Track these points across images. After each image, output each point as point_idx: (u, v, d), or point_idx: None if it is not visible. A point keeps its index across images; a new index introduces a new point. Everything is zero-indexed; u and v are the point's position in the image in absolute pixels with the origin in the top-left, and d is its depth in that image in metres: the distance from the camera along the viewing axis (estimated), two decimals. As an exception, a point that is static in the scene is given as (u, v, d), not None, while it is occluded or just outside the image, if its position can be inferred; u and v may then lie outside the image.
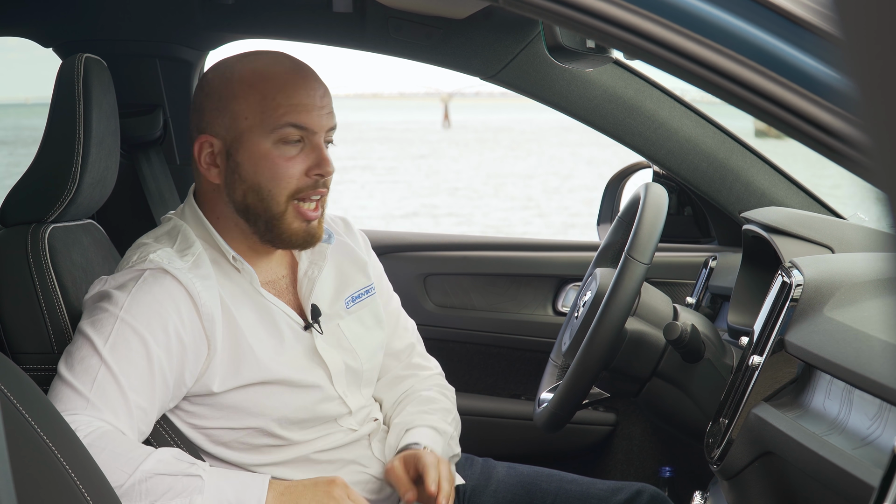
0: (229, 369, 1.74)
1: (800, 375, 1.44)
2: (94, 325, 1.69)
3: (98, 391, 1.64)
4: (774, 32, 1.15)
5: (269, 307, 1.80)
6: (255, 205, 1.76)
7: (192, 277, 1.72)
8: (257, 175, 1.75)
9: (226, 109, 1.76)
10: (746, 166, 2.44)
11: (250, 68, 1.77)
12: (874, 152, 0.46)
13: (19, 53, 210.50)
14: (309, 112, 1.74)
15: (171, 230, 1.83)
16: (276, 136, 1.73)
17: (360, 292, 1.94)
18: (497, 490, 2.04)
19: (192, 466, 1.61)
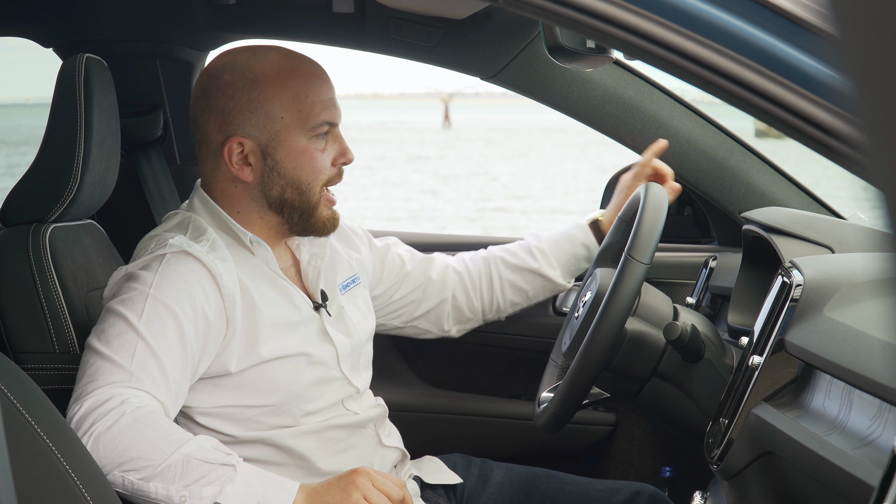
0: (247, 348, 1.78)
1: (800, 375, 1.44)
2: (125, 303, 1.72)
3: (138, 364, 1.67)
4: (774, 32, 1.15)
5: (285, 286, 1.87)
6: (292, 198, 1.84)
7: (213, 258, 1.77)
8: (297, 170, 1.83)
9: (258, 110, 1.80)
10: (746, 166, 2.44)
11: (272, 68, 1.82)
12: (872, 152, 0.46)
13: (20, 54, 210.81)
14: (334, 107, 1.85)
15: (181, 222, 1.86)
16: (312, 132, 1.82)
17: (347, 281, 2.03)
18: (495, 492, 2.05)
19: (228, 457, 1.64)
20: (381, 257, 2.18)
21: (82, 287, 1.96)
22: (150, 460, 1.58)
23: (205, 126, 1.84)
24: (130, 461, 1.58)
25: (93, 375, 1.66)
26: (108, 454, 1.58)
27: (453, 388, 2.71)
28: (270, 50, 1.86)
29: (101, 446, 1.59)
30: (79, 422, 1.61)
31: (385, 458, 1.96)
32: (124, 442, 1.59)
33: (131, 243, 2.52)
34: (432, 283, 2.22)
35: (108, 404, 1.61)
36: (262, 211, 1.86)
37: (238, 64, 1.82)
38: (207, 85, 1.83)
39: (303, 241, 1.94)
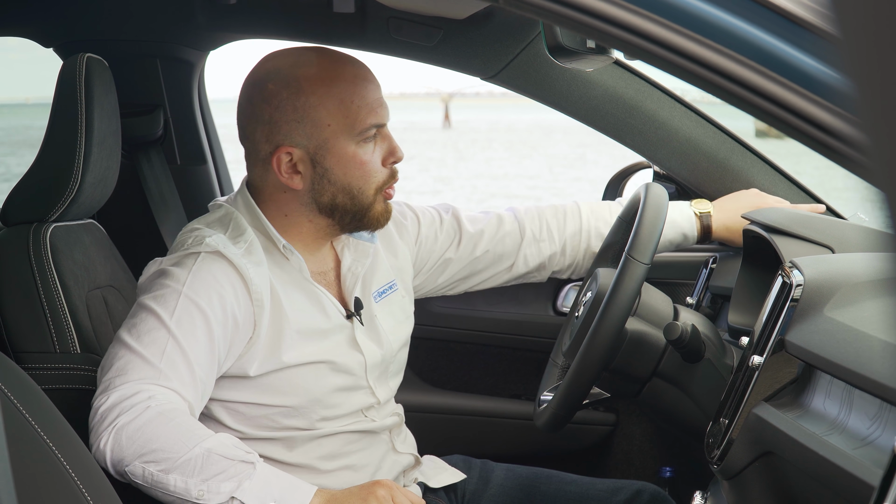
0: (268, 353, 1.78)
1: (800, 375, 1.44)
2: (157, 300, 1.72)
3: (167, 362, 1.68)
4: (774, 32, 1.15)
5: (317, 293, 1.86)
6: (344, 203, 1.83)
7: (246, 263, 1.77)
8: (347, 176, 1.81)
9: (305, 119, 1.79)
10: (747, 166, 2.44)
11: (316, 74, 1.79)
12: (873, 151, 0.46)
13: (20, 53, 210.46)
14: (381, 107, 1.83)
15: (223, 217, 1.85)
16: (360, 137, 1.80)
17: (384, 288, 2.00)
18: (496, 493, 2.05)
19: (248, 455, 1.64)
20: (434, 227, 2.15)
21: (83, 287, 1.96)
22: (171, 452, 1.59)
23: (252, 136, 1.82)
24: (152, 452, 1.60)
25: (122, 369, 1.67)
26: (130, 445, 1.60)
27: (453, 388, 2.71)
28: (313, 54, 1.83)
29: (124, 438, 1.60)
30: (104, 413, 1.62)
31: (396, 463, 1.96)
32: (147, 434, 1.60)
33: (132, 243, 2.52)
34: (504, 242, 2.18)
35: (134, 398, 1.63)
36: (311, 215, 1.85)
37: (281, 72, 1.80)
38: (252, 94, 1.82)
39: (348, 243, 1.93)
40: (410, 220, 2.11)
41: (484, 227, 2.17)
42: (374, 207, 1.84)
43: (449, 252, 2.15)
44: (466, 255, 2.16)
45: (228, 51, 2.35)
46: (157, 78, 2.69)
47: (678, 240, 2.22)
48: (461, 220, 2.16)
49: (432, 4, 2.34)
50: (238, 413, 1.81)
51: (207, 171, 2.82)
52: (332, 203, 1.83)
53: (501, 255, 2.18)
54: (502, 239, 2.18)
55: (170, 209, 2.67)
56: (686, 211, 2.22)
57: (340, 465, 1.88)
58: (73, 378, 1.84)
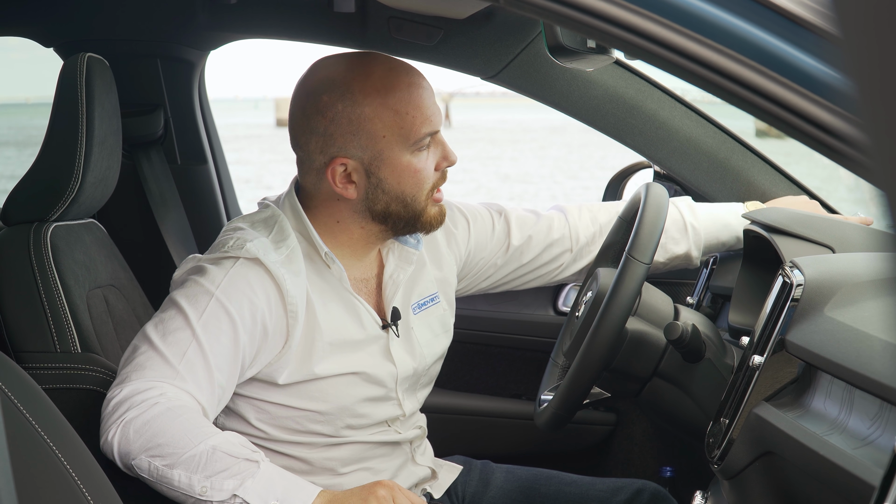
0: (298, 365, 1.78)
1: (800, 375, 1.44)
2: (188, 299, 1.72)
3: (187, 364, 1.68)
4: (774, 32, 1.15)
5: (355, 303, 1.85)
6: (397, 210, 1.82)
7: (285, 273, 1.76)
8: (401, 185, 1.81)
9: (360, 131, 1.78)
10: (747, 166, 2.44)
11: (371, 83, 1.78)
12: (873, 151, 0.46)
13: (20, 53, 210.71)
14: (434, 115, 1.82)
15: (269, 219, 1.84)
16: (415, 147, 1.80)
17: (425, 300, 1.99)
18: (496, 496, 2.05)
19: (253, 454, 1.64)
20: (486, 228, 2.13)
21: (83, 286, 1.96)
22: (177, 447, 1.60)
23: (306, 146, 1.81)
24: (157, 447, 1.60)
25: (141, 364, 1.68)
26: (137, 439, 1.61)
27: (453, 388, 2.71)
28: (366, 63, 1.81)
29: (132, 431, 1.61)
30: (115, 405, 1.63)
31: (413, 473, 1.97)
32: (153, 429, 1.61)
33: (132, 242, 2.52)
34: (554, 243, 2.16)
35: (146, 393, 1.64)
36: (363, 222, 1.85)
37: (336, 82, 1.78)
38: (306, 105, 1.80)
39: (393, 248, 1.92)
40: (461, 229, 2.09)
41: (532, 233, 2.14)
42: (427, 212, 1.84)
43: (496, 258, 2.13)
44: (514, 262, 2.15)
45: (228, 51, 2.36)
46: (157, 78, 2.69)
47: (732, 242, 2.17)
48: (511, 226, 2.13)
49: (433, 4, 2.34)
50: (265, 412, 1.81)
51: (208, 171, 2.82)
52: (385, 211, 1.82)
53: (548, 261, 2.16)
54: (550, 247, 2.15)
55: (170, 209, 2.67)
56: (738, 212, 2.18)
57: (358, 467, 1.88)
58: (73, 378, 1.84)
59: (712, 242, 2.15)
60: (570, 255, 2.16)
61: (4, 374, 1.38)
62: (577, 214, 2.17)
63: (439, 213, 1.87)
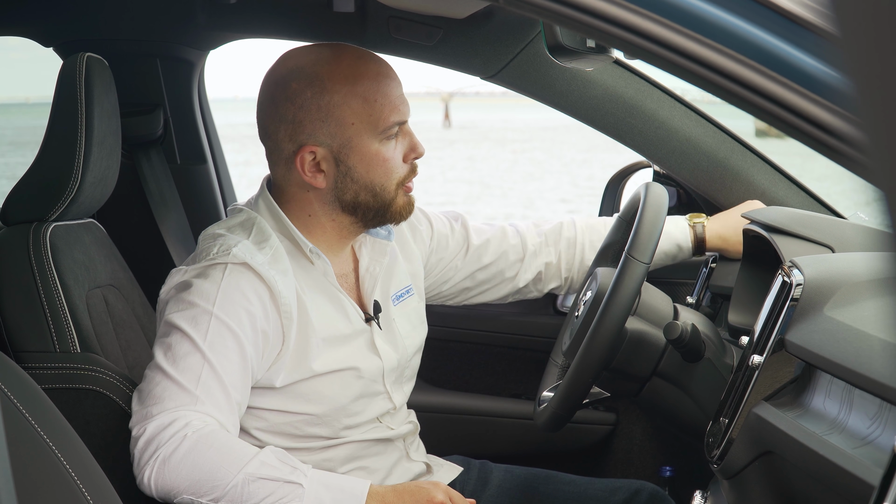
0: (295, 365, 1.78)
1: (800, 375, 1.44)
2: (189, 321, 1.71)
3: (203, 388, 1.68)
4: (774, 32, 1.15)
5: (340, 298, 1.85)
6: (366, 200, 1.82)
7: (274, 274, 1.75)
8: (370, 174, 1.81)
9: (328, 118, 1.78)
10: (747, 166, 2.44)
11: (339, 72, 1.79)
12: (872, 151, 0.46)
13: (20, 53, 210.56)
14: (403, 104, 1.83)
15: (245, 221, 1.84)
16: (383, 135, 1.80)
17: (402, 292, 2.00)
18: (494, 494, 2.05)
19: (293, 472, 1.65)
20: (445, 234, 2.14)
21: (83, 286, 1.96)
22: (217, 481, 1.60)
23: (275, 135, 1.81)
24: (198, 483, 1.60)
25: (159, 397, 1.67)
26: (176, 478, 1.61)
27: (453, 387, 2.71)
28: (335, 51, 1.82)
29: (167, 471, 1.61)
30: (145, 445, 1.63)
31: (408, 470, 1.97)
32: (189, 465, 1.61)
33: (132, 242, 2.52)
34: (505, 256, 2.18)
35: (171, 428, 1.63)
36: (334, 214, 1.85)
37: (304, 70, 1.79)
38: (274, 93, 1.81)
39: (365, 241, 1.93)
40: (425, 226, 2.11)
41: (490, 237, 2.16)
42: (396, 202, 1.84)
43: (457, 260, 2.14)
44: (472, 264, 2.16)
45: (228, 51, 2.35)
46: (157, 77, 2.69)
47: (673, 251, 2.20)
48: (469, 230, 2.16)
49: (432, 4, 2.34)
50: (263, 420, 1.81)
51: (207, 171, 2.82)
52: (354, 201, 1.82)
53: (504, 268, 2.18)
54: (506, 252, 2.17)
55: (170, 209, 2.67)
56: (681, 223, 2.21)
57: (354, 466, 1.88)
58: (73, 377, 1.84)
59: None
60: (521, 265, 2.18)
61: (4, 374, 1.38)
62: (524, 225, 2.22)
63: (408, 203, 1.86)
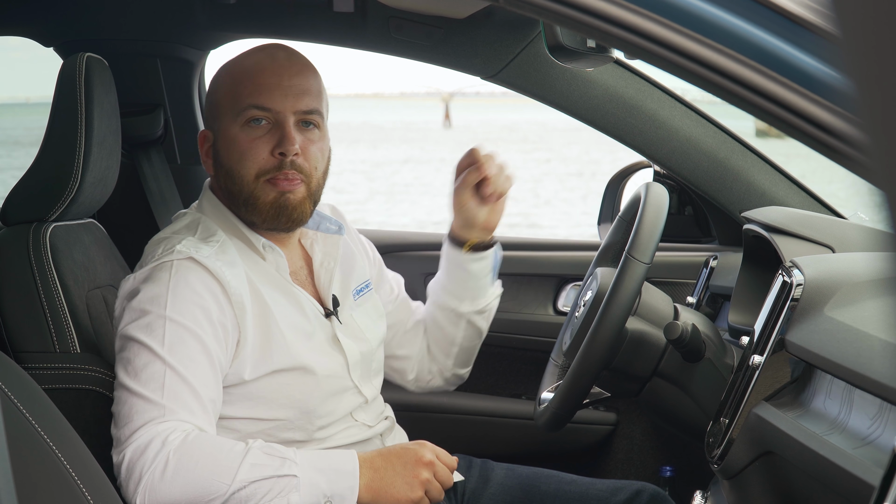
0: (260, 355, 1.75)
1: (800, 375, 1.44)
2: (144, 330, 1.68)
3: (170, 395, 1.64)
4: (774, 32, 1.15)
5: (296, 293, 1.83)
6: (230, 187, 1.81)
7: (221, 265, 1.74)
8: (229, 158, 1.80)
9: (210, 102, 1.84)
10: (747, 166, 2.44)
11: (234, 60, 1.83)
12: (873, 151, 0.46)
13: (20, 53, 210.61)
14: (270, 91, 1.77)
15: (190, 223, 1.84)
16: (242, 118, 1.78)
17: (361, 286, 1.99)
18: (496, 492, 2.04)
19: (284, 463, 1.62)
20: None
21: (83, 286, 1.96)
22: (212, 494, 1.58)
23: None
24: (193, 501, 1.58)
25: (128, 417, 1.64)
26: (169, 498, 1.58)
27: (453, 387, 2.71)
28: (259, 46, 1.86)
29: (159, 496, 1.58)
30: (127, 472, 1.60)
31: None
32: (180, 484, 1.58)
33: (132, 242, 2.52)
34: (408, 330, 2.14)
35: (150, 449, 1.59)
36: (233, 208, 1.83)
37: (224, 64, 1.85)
38: None
39: (316, 238, 1.92)
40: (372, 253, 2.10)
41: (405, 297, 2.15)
42: (259, 195, 1.77)
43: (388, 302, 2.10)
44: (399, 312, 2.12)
45: (228, 51, 2.35)
46: (157, 77, 2.69)
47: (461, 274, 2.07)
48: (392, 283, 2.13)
49: (432, 4, 2.34)
50: (234, 430, 1.77)
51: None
52: (225, 187, 1.81)
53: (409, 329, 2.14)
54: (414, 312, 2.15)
55: (170, 209, 2.67)
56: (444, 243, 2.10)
57: None
58: (73, 378, 1.84)
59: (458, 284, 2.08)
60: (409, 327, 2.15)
61: (4, 374, 1.38)
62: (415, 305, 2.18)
63: (280, 200, 1.77)
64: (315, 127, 1.81)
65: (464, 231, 2.03)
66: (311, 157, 1.80)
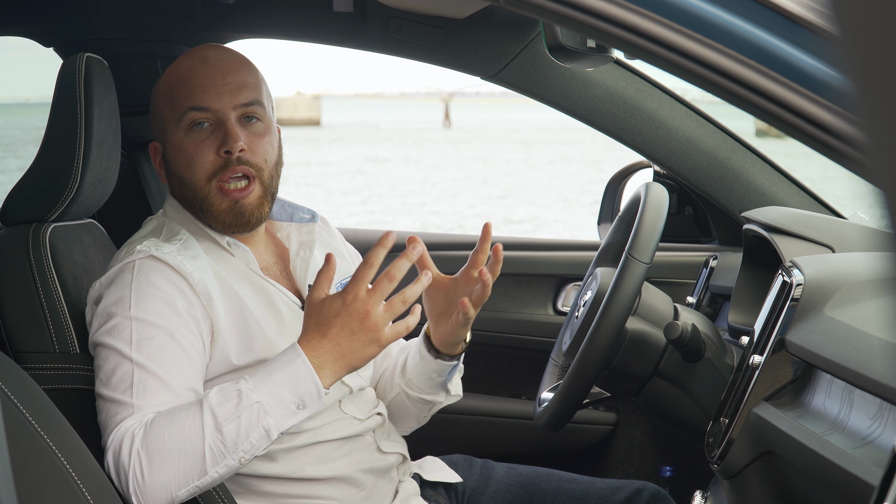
0: (241, 343, 1.75)
1: (800, 375, 1.44)
2: (111, 334, 1.69)
3: (138, 392, 1.64)
4: (774, 31, 1.15)
5: (266, 288, 1.82)
6: (184, 194, 1.81)
7: (182, 259, 1.73)
8: (178, 166, 1.80)
9: (154, 114, 1.84)
10: (747, 166, 2.44)
11: (169, 69, 1.83)
12: (873, 151, 0.46)
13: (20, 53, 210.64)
14: (206, 91, 1.77)
15: (155, 228, 1.85)
16: (183, 123, 1.78)
17: (346, 279, 1.95)
18: (496, 490, 2.04)
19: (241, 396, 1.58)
20: None
21: (82, 287, 1.96)
22: (193, 457, 1.57)
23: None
24: (181, 475, 1.57)
25: (105, 423, 1.65)
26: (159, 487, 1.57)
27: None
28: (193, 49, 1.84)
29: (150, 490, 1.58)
30: (115, 476, 1.60)
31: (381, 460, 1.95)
32: (162, 469, 1.57)
33: (132, 243, 2.51)
34: None
35: (123, 449, 1.59)
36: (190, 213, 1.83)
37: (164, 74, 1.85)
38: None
39: (291, 229, 1.91)
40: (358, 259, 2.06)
41: None
42: (214, 203, 1.77)
43: None
44: None
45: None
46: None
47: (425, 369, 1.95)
48: None
49: (432, 4, 2.34)
50: None
51: (207, 171, 2.82)
52: (181, 195, 1.82)
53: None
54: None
55: (170, 209, 2.67)
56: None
57: (331, 473, 1.84)
58: (72, 378, 1.84)
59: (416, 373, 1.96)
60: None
61: (4, 374, 1.38)
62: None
63: (233, 212, 1.77)
64: (258, 119, 1.81)
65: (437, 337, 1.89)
66: (259, 150, 1.79)
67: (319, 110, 57.63)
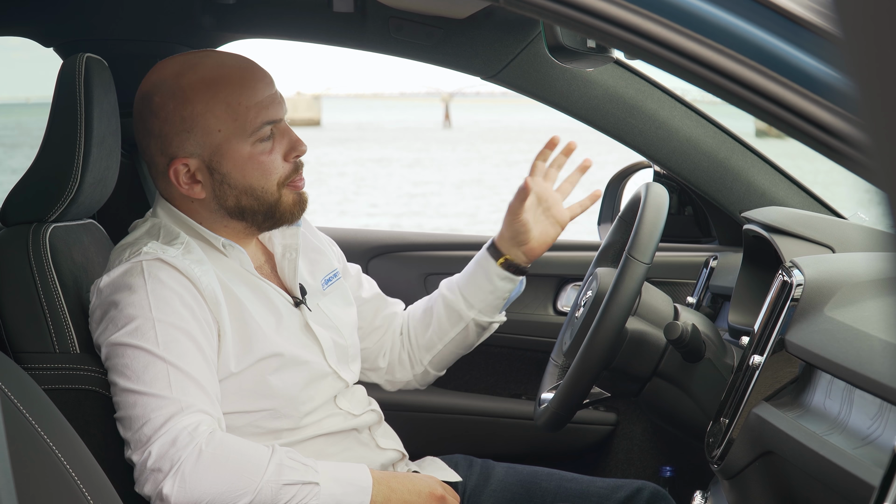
0: (241, 347, 1.77)
1: (800, 375, 1.44)
2: (135, 335, 1.70)
3: (178, 390, 1.66)
4: (774, 32, 1.15)
5: (262, 286, 1.85)
6: (250, 204, 1.81)
7: (189, 263, 1.75)
8: (247, 178, 1.79)
9: (194, 128, 1.78)
10: (747, 166, 2.44)
11: (199, 79, 1.78)
12: (874, 151, 0.46)
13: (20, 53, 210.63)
14: (272, 104, 1.80)
15: (151, 229, 1.85)
16: (254, 137, 1.78)
17: (329, 275, 2.00)
18: (496, 490, 2.05)
19: (307, 471, 1.68)
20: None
21: (82, 287, 1.96)
22: (241, 489, 1.62)
23: (147, 150, 1.83)
24: (223, 494, 1.62)
25: (143, 417, 1.65)
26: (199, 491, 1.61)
27: (453, 388, 2.71)
28: (196, 59, 1.82)
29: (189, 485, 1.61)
30: (155, 467, 1.61)
31: (380, 457, 1.96)
32: (211, 477, 1.61)
33: (132, 243, 2.51)
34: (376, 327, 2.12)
35: (179, 442, 1.62)
36: (224, 220, 1.84)
37: (167, 83, 1.79)
38: (142, 109, 1.81)
39: (274, 233, 1.92)
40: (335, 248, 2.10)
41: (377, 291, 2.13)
42: (283, 201, 1.82)
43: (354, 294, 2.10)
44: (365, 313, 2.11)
45: (228, 51, 2.35)
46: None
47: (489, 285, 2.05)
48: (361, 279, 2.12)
49: (432, 4, 2.34)
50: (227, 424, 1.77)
51: (207, 171, 2.82)
52: (237, 206, 1.81)
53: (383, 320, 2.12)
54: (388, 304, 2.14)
55: (170, 209, 2.67)
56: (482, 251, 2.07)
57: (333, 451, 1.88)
58: (72, 378, 1.84)
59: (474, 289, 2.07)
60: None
61: (4, 374, 1.38)
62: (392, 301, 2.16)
63: (299, 201, 1.84)
64: None
65: (506, 245, 2.03)
66: (306, 149, 1.86)
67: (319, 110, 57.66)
